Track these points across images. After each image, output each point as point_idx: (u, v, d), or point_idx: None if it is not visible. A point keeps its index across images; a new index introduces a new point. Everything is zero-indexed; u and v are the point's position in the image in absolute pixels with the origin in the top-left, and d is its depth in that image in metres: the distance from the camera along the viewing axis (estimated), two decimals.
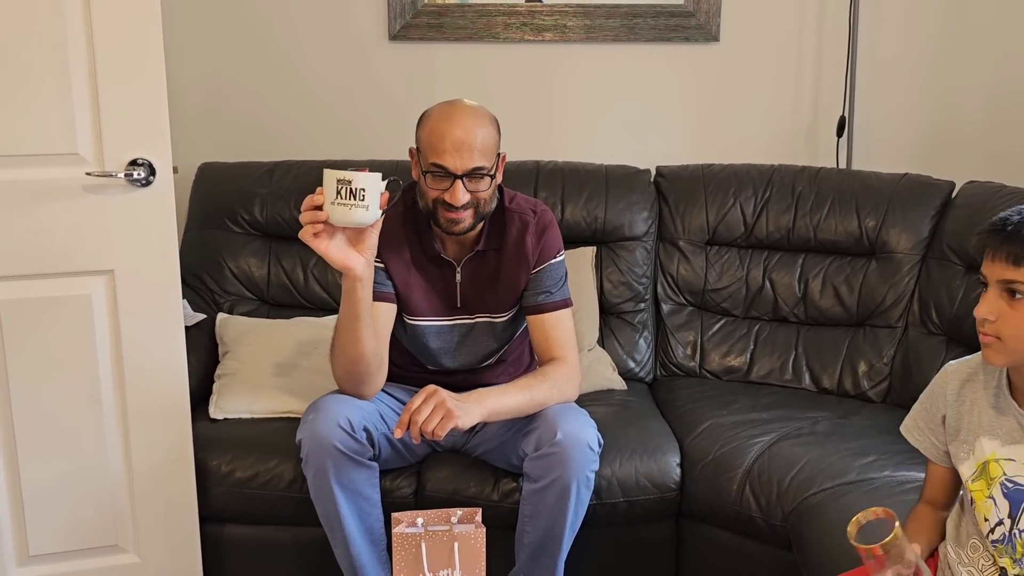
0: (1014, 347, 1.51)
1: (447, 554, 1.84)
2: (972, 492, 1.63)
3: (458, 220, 2.18)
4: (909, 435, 1.76)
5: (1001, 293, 1.50)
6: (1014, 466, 1.57)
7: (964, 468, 1.65)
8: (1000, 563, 1.59)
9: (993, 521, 1.60)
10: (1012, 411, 1.58)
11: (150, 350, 2.27)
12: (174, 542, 2.37)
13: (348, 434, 2.13)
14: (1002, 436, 1.59)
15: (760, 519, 2.26)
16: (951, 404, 1.68)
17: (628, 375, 2.88)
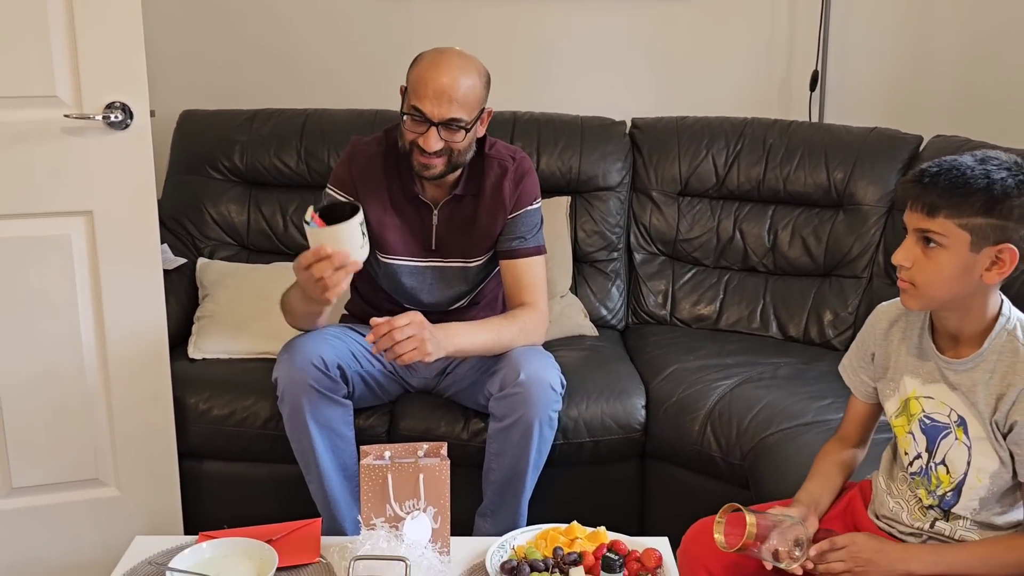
0: (927, 293, 1.56)
1: (412, 485, 1.90)
2: (895, 427, 1.71)
3: (429, 166, 2.23)
4: (844, 374, 1.83)
5: (917, 241, 1.55)
6: (932, 403, 1.64)
7: (889, 405, 1.72)
8: (917, 493, 1.67)
9: (912, 454, 1.68)
10: (932, 353, 1.65)
11: (129, 290, 2.33)
12: (154, 477, 2.44)
13: (322, 372, 2.20)
14: (923, 375, 1.66)
15: (720, 458, 2.34)
16: (879, 343, 1.74)
17: (600, 322, 2.95)
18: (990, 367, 1.57)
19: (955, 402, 1.61)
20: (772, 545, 1.60)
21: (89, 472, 2.41)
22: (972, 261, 1.52)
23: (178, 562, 1.82)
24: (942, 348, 1.64)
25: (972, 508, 1.61)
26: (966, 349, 1.61)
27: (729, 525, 1.62)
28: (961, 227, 1.50)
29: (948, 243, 1.52)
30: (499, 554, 1.93)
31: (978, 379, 1.58)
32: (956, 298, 1.57)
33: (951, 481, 1.62)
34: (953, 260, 1.52)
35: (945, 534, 1.63)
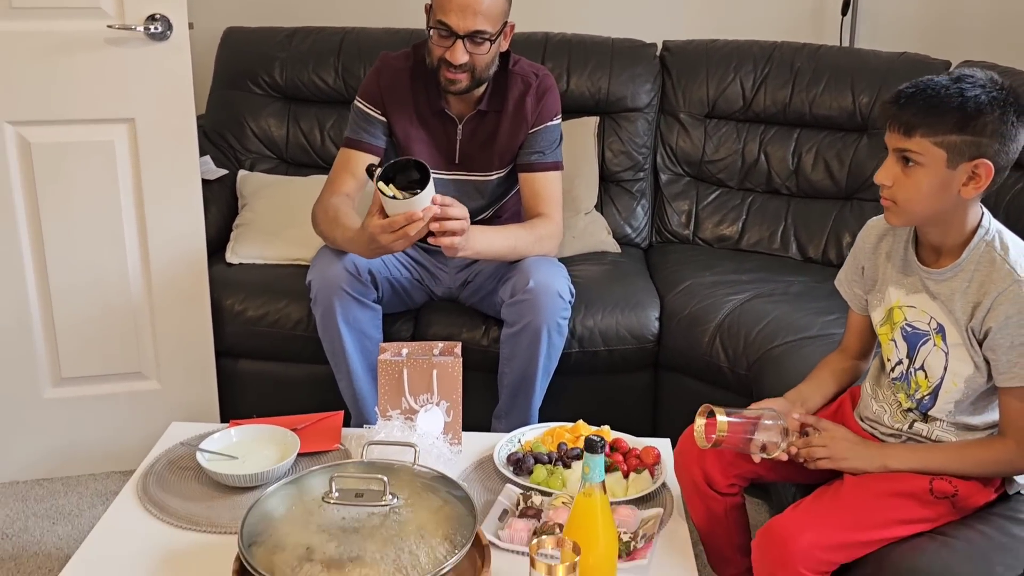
0: (908, 209, 1.62)
1: (426, 381, 2.02)
2: (879, 336, 1.79)
3: (455, 81, 2.30)
4: (840, 288, 1.90)
5: (897, 160, 1.61)
6: (914, 312, 1.71)
7: (875, 315, 1.79)
8: (897, 397, 1.75)
9: (894, 360, 1.75)
10: (915, 266, 1.72)
11: (169, 195, 2.46)
12: (192, 372, 2.60)
13: (354, 276, 2.31)
14: (907, 286, 1.73)
15: (727, 369, 2.42)
16: (868, 256, 1.81)
17: (625, 240, 3.02)
18: (968, 276, 1.63)
19: (935, 310, 1.68)
20: (759, 441, 1.70)
21: (132, 366, 2.57)
22: (949, 177, 1.57)
23: (208, 444, 1.97)
24: (925, 260, 1.71)
25: (947, 411, 1.68)
26: (947, 260, 1.67)
27: (709, 423, 1.71)
28: (937, 145, 1.55)
29: (925, 161, 1.57)
30: (507, 448, 2.05)
31: (956, 288, 1.64)
32: (936, 213, 1.62)
33: (929, 385, 1.69)
34: (931, 177, 1.57)
35: (923, 434, 1.71)
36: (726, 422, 1.68)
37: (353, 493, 1.64)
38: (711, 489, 1.82)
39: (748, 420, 1.70)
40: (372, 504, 1.61)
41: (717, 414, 1.69)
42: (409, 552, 1.52)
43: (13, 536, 2.37)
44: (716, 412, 1.69)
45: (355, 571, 1.48)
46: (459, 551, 1.55)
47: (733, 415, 1.70)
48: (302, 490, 1.67)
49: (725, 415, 1.69)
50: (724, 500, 1.83)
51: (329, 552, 1.51)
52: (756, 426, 1.70)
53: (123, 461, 2.58)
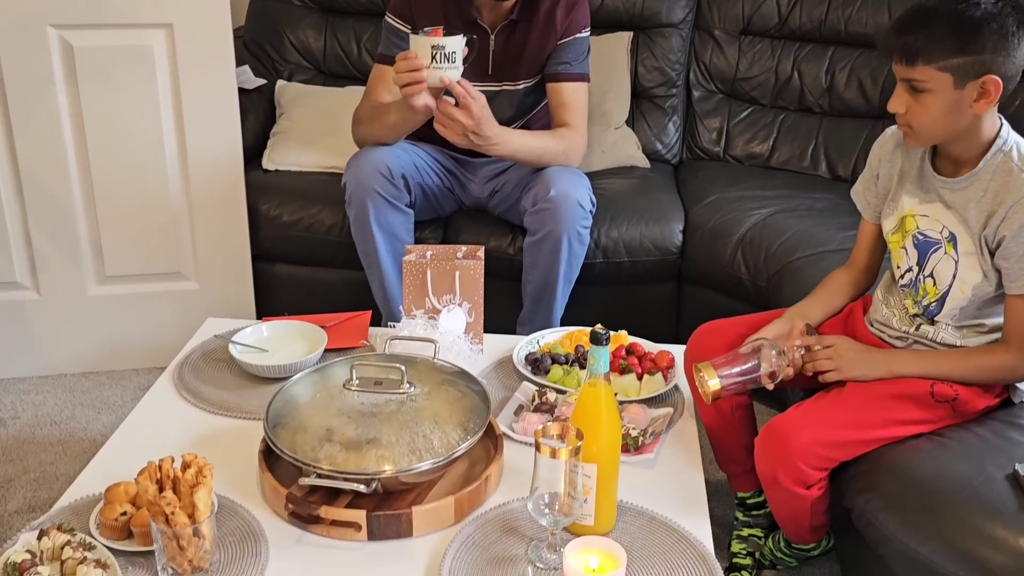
0: (925, 133, 1.65)
1: (449, 282, 2.09)
2: (890, 244, 1.82)
3: None
4: (855, 197, 1.92)
5: (906, 89, 1.62)
6: (926, 221, 1.74)
7: (887, 223, 1.82)
8: (905, 304, 1.78)
9: (904, 268, 1.78)
10: (930, 173, 1.74)
11: (206, 100, 2.52)
12: (229, 274, 2.69)
13: (388, 180, 2.38)
14: (920, 195, 1.75)
15: (748, 281, 2.47)
16: (884, 164, 1.83)
17: (655, 156, 3.05)
18: (983, 186, 1.65)
19: (948, 219, 1.71)
20: (764, 373, 1.73)
21: (172, 266, 2.67)
22: (959, 97, 1.59)
23: (240, 337, 2.06)
24: (941, 169, 1.73)
25: (953, 315, 1.72)
26: (964, 169, 1.69)
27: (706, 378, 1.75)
28: (941, 70, 1.57)
29: (933, 87, 1.59)
30: (526, 348, 2.12)
31: (971, 197, 1.67)
32: (953, 132, 1.64)
33: (936, 293, 1.73)
34: (941, 101, 1.59)
35: (928, 337, 1.75)
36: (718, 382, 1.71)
37: (373, 381, 1.72)
38: None
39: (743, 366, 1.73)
40: (390, 392, 1.69)
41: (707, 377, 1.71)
42: (423, 436, 1.61)
43: (61, 423, 2.50)
44: (707, 374, 1.72)
45: (371, 451, 1.57)
46: (471, 437, 1.63)
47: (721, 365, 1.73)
48: (325, 378, 1.76)
49: (716, 375, 1.72)
50: (732, 400, 1.88)
51: (348, 434, 1.60)
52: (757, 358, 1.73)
53: (163, 357, 2.68)
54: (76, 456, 2.35)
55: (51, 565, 1.40)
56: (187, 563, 1.40)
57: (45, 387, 2.65)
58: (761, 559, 2.01)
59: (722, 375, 1.73)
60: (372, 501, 1.57)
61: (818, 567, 2.05)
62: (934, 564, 1.50)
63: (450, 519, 1.58)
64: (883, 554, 1.60)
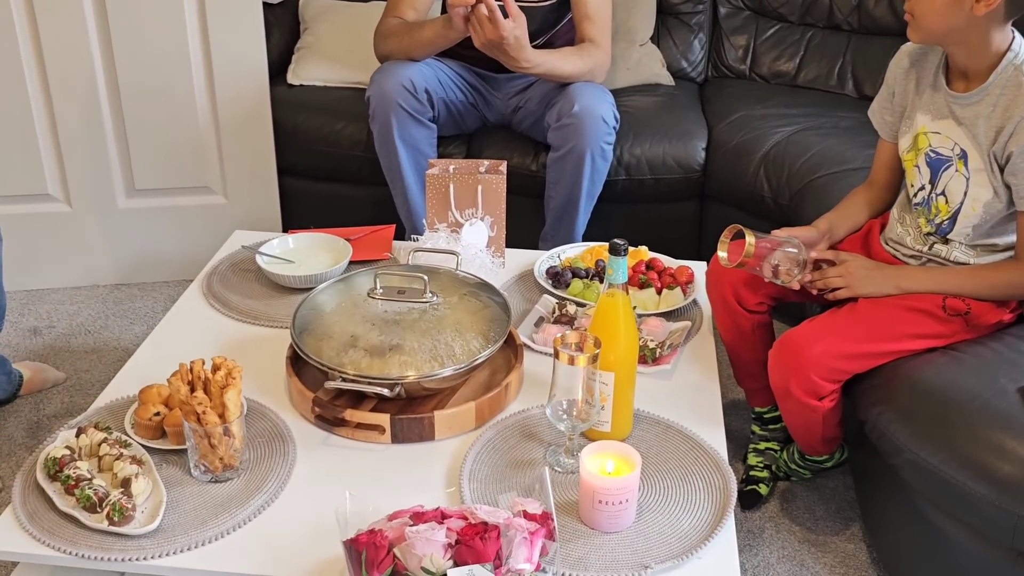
0: (923, 24, 1.64)
1: (472, 195, 2.11)
2: (905, 163, 1.82)
3: None
4: (873, 117, 1.92)
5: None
6: (939, 138, 1.74)
7: (903, 142, 1.82)
8: (918, 222, 1.79)
9: (917, 186, 1.79)
10: (943, 88, 1.73)
11: (231, 14, 2.53)
12: (256, 188, 2.73)
13: (411, 94, 2.38)
14: (933, 112, 1.75)
15: (770, 199, 2.47)
16: (899, 81, 1.83)
17: (680, 74, 3.03)
18: (993, 100, 1.65)
19: (959, 136, 1.71)
20: (772, 264, 1.76)
21: (199, 180, 2.71)
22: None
23: (267, 248, 2.10)
24: (953, 85, 1.72)
25: (965, 234, 1.73)
26: (975, 84, 1.68)
27: (735, 243, 1.77)
28: None
29: None
30: (548, 263, 2.15)
31: (981, 112, 1.66)
32: (951, 30, 1.63)
33: (948, 210, 1.73)
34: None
35: (942, 255, 1.76)
36: (753, 244, 1.73)
37: (396, 290, 1.76)
38: (740, 307, 1.90)
39: (772, 245, 1.76)
40: (413, 300, 1.74)
41: (746, 234, 1.74)
42: (445, 344, 1.65)
43: (95, 333, 2.57)
44: (745, 232, 1.75)
45: (394, 358, 1.61)
46: (492, 346, 1.67)
47: (760, 238, 1.75)
48: (350, 287, 1.80)
49: (753, 236, 1.74)
50: (752, 317, 1.91)
51: (372, 340, 1.64)
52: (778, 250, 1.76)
53: (192, 270, 2.73)
54: (110, 364, 2.42)
55: (89, 461, 1.46)
56: (218, 461, 1.46)
57: (79, 298, 2.72)
58: (776, 471, 2.06)
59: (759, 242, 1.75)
60: (396, 405, 1.62)
61: (832, 479, 2.09)
62: (944, 474, 1.53)
63: (471, 424, 1.62)
64: (894, 464, 1.64)
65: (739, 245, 1.76)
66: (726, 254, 1.78)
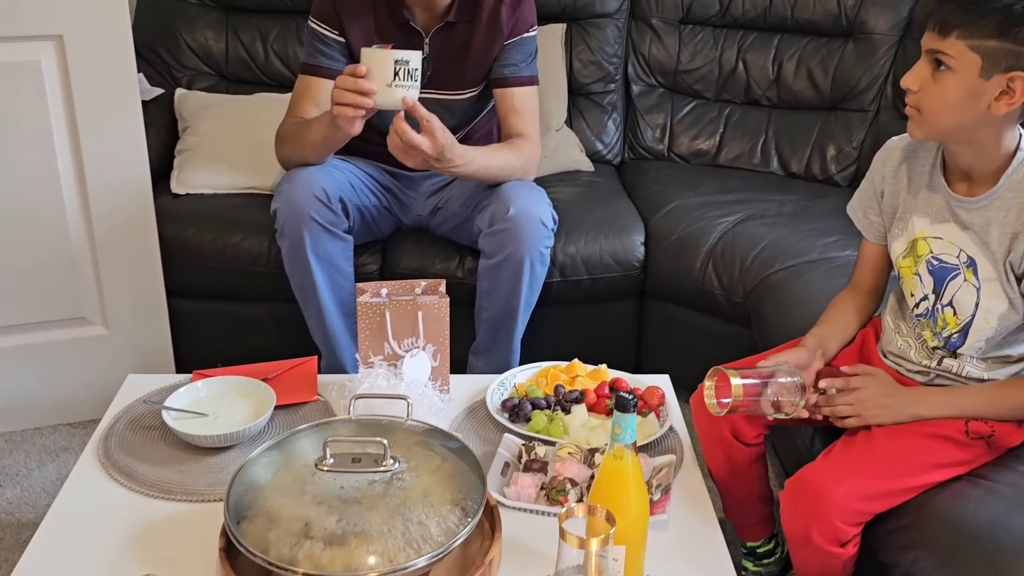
0: (931, 120, 1.49)
1: (411, 323, 1.86)
2: (900, 269, 1.66)
3: None
4: (854, 215, 1.76)
5: (928, 63, 1.47)
6: (940, 244, 1.59)
7: (896, 245, 1.66)
8: (923, 335, 1.64)
9: (919, 296, 1.63)
10: (942, 189, 1.58)
11: (106, 119, 2.22)
12: (142, 314, 2.39)
13: (324, 204, 2.12)
14: (932, 215, 1.60)
15: (721, 296, 2.30)
16: (889, 180, 1.67)
17: (596, 157, 2.86)
18: (1005, 205, 1.51)
19: (965, 242, 1.56)
20: (770, 397, 1.56)
21: (74, 311, 2.35)
22: (980, 88, 1.44)
23: (174, 400, 1.79)
24: (954, 186, 1.58)
25: (978, 347, 1.57)
26: (980, 187, 1.54)
27: (720, 385, 1.57)
28: (973, 49, 1.42)
29: (957, 66, 1.44)
30: (499, 391, 1.91)
31: (992, 217, 1.52)
32: (962, 128, 1.49)
33: (958, 323, 1.58)
34: (960, 85, 1.44)
35: (952, 371, 1.61)
36: (741, 385, 1.53)
37: (349, 458, 1.48)
38: (738, 441, 1.70)
39: (762, 379, 1.56)
40: (372, 470, 1.46)
41: (730, 376, 1.54)
42: (418, 523, 1.38)
43: None
44: (728, 374, 1.54)
45: (361, 547, 1.33)
46: (471, 519, 1.41)
47: (747, 376, 1.55)
48: (291, 455, 1.51)
49: (739, 378, 1.54)
50: (750, 451, 1.71)
51: (330, 526, 1.36)
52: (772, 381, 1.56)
53: (71, 412, 2.39)
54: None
55: None
56: None
57: None
58: None
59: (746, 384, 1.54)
60: None
61: None
62: None
63: None
64: None
65: (725, 386, 1.56)
66: (714, 401, 1.57)
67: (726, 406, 1.55)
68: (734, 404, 1.54)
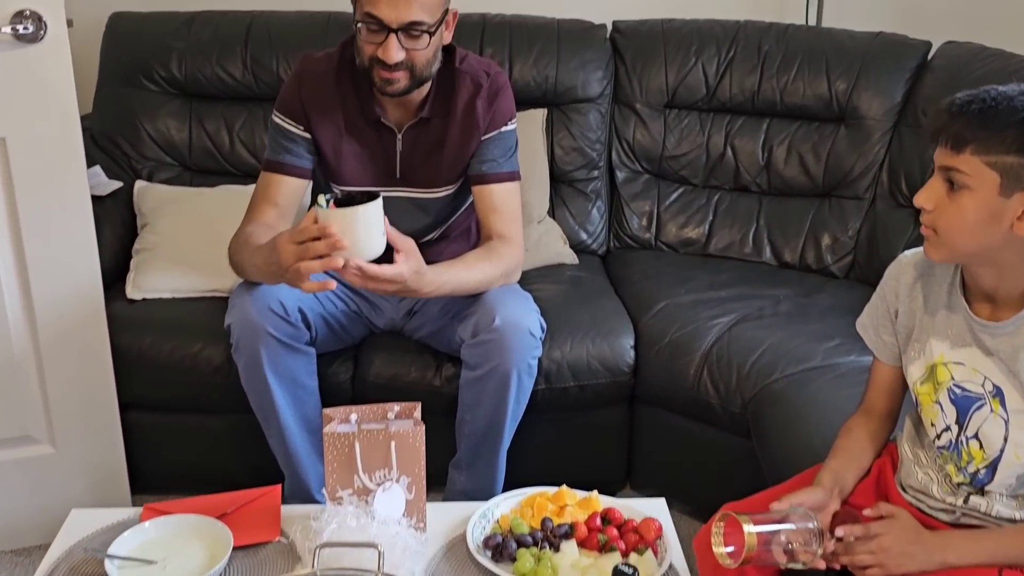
0: (949, 242, 1.36)
1: (383, 454, 1.69)
2: (919, 396, 1.51)
3: (392, 80, 1.95)
4: (864, 333, 1.61)
5: (943, 181, 1.35)
6: (963, 371, 1.44)
7: (913, 369, 1.51)
8: (946, 469, 1.49)
9: (940, 427, 1.48)
10: (962, 311, 1.45)
11: (53, 227, 2.05)
12: (93, 432, 2.21)
13: (282, 318, 1.96)
14: (952, 338, 1.46)
15: (718, 405, 2.14)
16: (904, 299, 1.53)
17: (580, 247, 2.72)
18: None
19: (990, 370, 1.42)
20: (783, 547, 1.41)
21: (18, 429, 2.16)
22: (1001, 207, 1.31)
23: (118, 547, 1.62)
24: (976, 308, 1.44)
25: (1008, 485, 1.42)
26: (1005, 311, 1.40)
27: (729, 531, 1.41)
28: (990, 166, 1.30)
29: (974, 184, 1.31)
30: (480, 526, 1.74)
31: (1020, 344, 1.37)
32: (984, 250, 1.36)
33: (985, 458, 1.43)
34: (979, 204, 1.32)
35: (981, 510, 1.45)
36: (755, 534, 1.37)
37: None
38: None
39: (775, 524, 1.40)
40: None
41: (743, 524, 1.38)
42: None
43: None
44: (741, 521, 1.38)
45: None
46: None
47: (759, 521, 1.39)
48: None
49: (752, 524, 1.38)
50: None
51: None
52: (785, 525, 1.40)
53: (15, 539, 2.19)
54: None
55: None
56: None
57: None
58: None
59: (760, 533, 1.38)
60: None
61: None
62: None
63: None
64: None
65: (735, 531, 1.39)
66: (722, 550, 1.41)
67: (737, 556, 1.39)
68: (748, 556, 1.38)
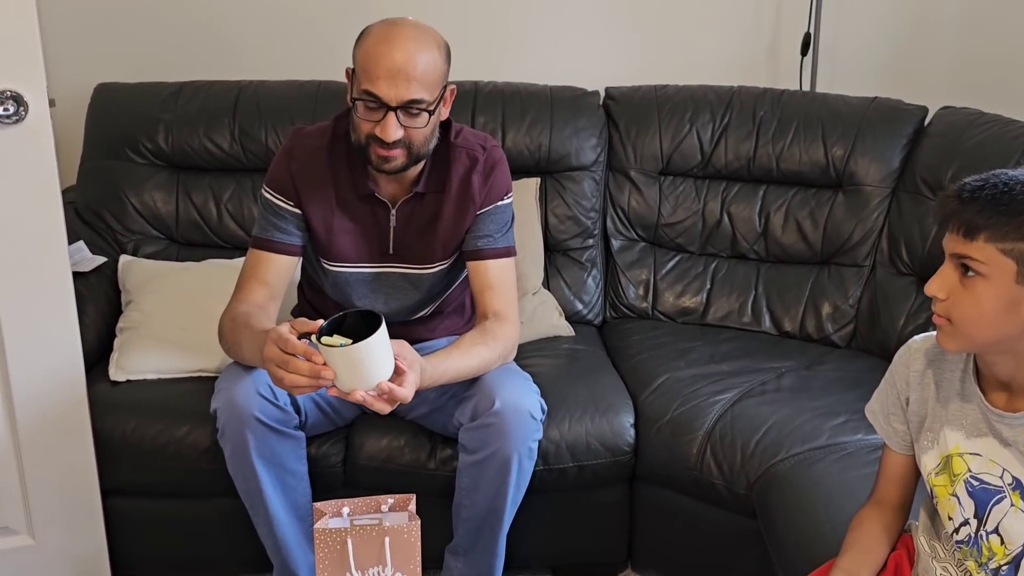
0: (965, 332, 1.31)
1: (377, 550, 1.62)
2: (934, 487, 1.45)
3: (389, 159, 1.91)
4: (875, 421, 1.55)
5: (955, 268, 1.30)
6: (979, 462, 1.39)
7: (927, 459, 1.45)
8: (966, 565, 1.42)
9: (958, 520, 1.42)
10: (977, 400, 1.39)
11: (34, 311, 1.99)
12: (73, 522, 2.13)
13: (270, 402, 1.90)
14: (967, 427, 1.40)
15: (722, 486, 2.07)
16: (915, 387, 1.47)
17: (575, 318, 2.66)
18: None
19: (1009, 461, 1.36)
20: None
21: None
22: (1019, 296, 1.27)
23: None
24: (991, 397, 1.38)
25: None
26: (1022, 400, 1.35)
27: None
28: (1005, 253, 1.25)
29: (989, 272, 1.27)
30: None
31: None
32: (1002, 340, 1.31)
33: (1007, 553, 1.37)
34: (995, 293, 1.27)
35: None
36: None
37: None
38: None
39: None
40: None
41: None
42: None
43: None
44: None
45: None
46: None
47: None
48: None
49: None
50: None
51: None
52: None
53: None
54: None
55: None
56: None
57: None
58: None
59: None
60: None
61: None
62: None
63: None
64: None
65: None
66: None
67: None
68: None
